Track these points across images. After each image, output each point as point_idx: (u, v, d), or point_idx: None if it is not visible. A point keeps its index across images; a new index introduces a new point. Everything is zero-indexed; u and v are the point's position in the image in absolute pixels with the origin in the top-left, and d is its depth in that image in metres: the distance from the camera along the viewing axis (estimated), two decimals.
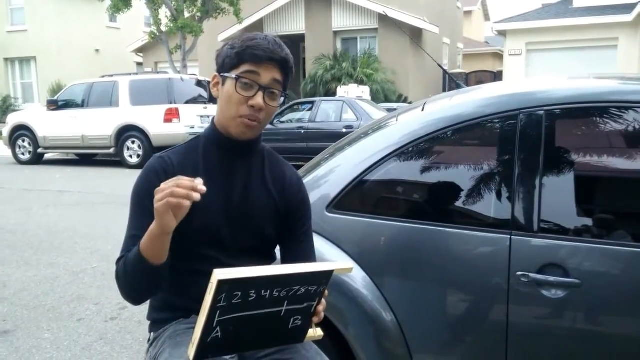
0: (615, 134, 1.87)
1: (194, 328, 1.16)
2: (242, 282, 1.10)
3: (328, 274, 1.23)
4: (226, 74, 1.41)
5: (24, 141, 12.65)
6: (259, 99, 1.38)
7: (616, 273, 1.73)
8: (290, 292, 1.18)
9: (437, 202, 2.03)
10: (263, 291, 1.14)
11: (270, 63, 1.39)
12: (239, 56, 1.39)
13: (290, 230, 1.56)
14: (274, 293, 1.16)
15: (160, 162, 1.46)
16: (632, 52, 16.46)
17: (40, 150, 12.60)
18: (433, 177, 2.05)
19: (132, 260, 1.32)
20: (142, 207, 1.40)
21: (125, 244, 1.42)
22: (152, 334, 1.57)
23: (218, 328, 1.12)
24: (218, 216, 1.46)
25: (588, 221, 1.87)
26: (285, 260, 1.57)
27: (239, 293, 1.11)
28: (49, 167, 12.24)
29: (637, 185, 1.88)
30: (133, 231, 1.41)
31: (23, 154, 12.73)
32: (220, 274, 1.07)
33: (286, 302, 1.19)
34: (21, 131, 12.63)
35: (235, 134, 1.44)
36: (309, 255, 1.57)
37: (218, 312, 1.10)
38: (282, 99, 1.46)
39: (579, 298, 1.69)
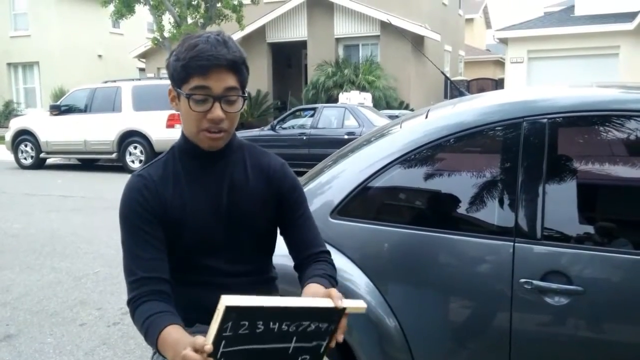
0: (617, 143, 1.89)
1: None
2: (250, 310, 1.06)
3: (340, 311, 1.18)
4: (178, 90, 1.35)
5: (26, 146, 12.67)
6: (217, 111, 1.32)
7: (618, 280, 1.74)
8: (300, 327, 1.14)
9: (441, 209, 2.04)
10: (271, 323, 1.10)
11: (218, 69, 1.31)
12: (185, 70, 1.32)
13: (287, 218, 1.50)
14: (283, 327, 1.11)
15: (140, 179, 1.42)
16: (633, 60, 16.48)
17: (42, 155, 12.61)
18: (437, 184, 2.07)
19: (145, 336, 1.29)
20: (135, 229, 1.38)
21: (130, 283, 1.37)
22: None
23: None
24: (210, 222, 1.43)
25: (590, 229, 1.88)
26: (292, 249, 1.52)
27: (246, 323, 1.07)
28: (51, 172, 12.26)
29: (639, 193, 1.89)
30: (133, 266, 1.37)
31: (25, 158, 12.75)
32: (227, 300, 1.04)
33: (295, 338, 1.15)
34: (24, 136, 12.65)
35: (205, 147, 1.40)
36: (312, 239, 1.50)
37: (223, 342, 1.06)
38: (244, 100, 1.38)
39: (581, 305, 1.70)
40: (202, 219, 1.42)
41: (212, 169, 1.45)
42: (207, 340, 1.05)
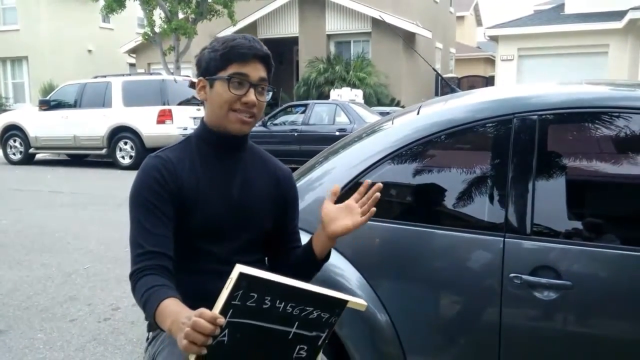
0: (606, 139, 1.91)
1: None
2: (260, 282, 1.09)
3: (342, 303, 1.22)
4: (214, 77, 1.45)
5: (15, 141, 12.59)
6: (251, 96, 1.45)
7: (606, 275, 1.76)
8: (303, 312, 1.17)
9: (432, 205, 2.06)
10: (278, 301, 1.13)
11: (255, 60, 1.45)
12: (225, 57, 1.44)
13: (285, 223, 1.63)
14: (288, 308, 1.15)
15: (158, 160, 1.47)
16: (622, 58, 16.62)
17: (31, 151, 12.54)
18: (428, 180, 2.08)
19: (144, 306, 1.31)
20: (148, 205, 1.41)
21: (135, 256, 1.39)
22: (151, 333, 1.58)
23: (226, 331, 1.09)
24: (220, 210, 1.48)
25: (579, 224, 1.90)
26: (274, 243, 1.63)
27: (255, 295, 1.09)
28: (41, 167, 12.18)
29: (627, 189, 1.92)
30: (140, 239, 1.39)
31: (14, 154, 12.67)
32: (241, 267, 1.06)
33: (297, 323, 1.18)
34: (12, 131, 12.56)
35: (233, 130, 1.48)
36: (297, 239, 1.67)
37: (231, 310, 1.08)
38: (270, 93, 1.52)
39: (570, 299, 1.72)
40: (213, 205, 1.48)
41: (226, 161, 1.53)
42: (215, 309, 1.07)
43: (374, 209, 1.47)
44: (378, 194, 1.47)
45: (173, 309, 1.22)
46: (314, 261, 1.55)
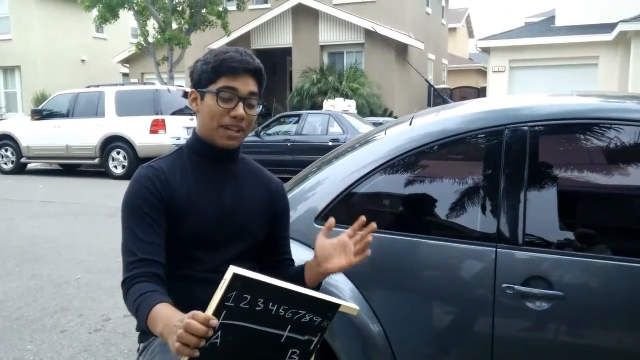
0: (597, 150, 1.92)
1: None
2: (254, 284, 1.09)
3: (334, 307, 1.23)
4: (205, 90, 1.47)
5: (7, 151, 12.52)
6: (240, 110, 1.45)
7: (597, 286, 1.77)
8: (296, 315, 1.17)
9: (425, 215, 2.07)
10: (271, 304, 1.13)
11: (246, 74, 1.45)
12: (216, 70, 1.45)
13: (276, 234, 1.64)
14: (281, 311, 1.15)
15: (151, 170, 1.48)
16: (612, 70, 16.78)
17: (23, 160, 12.46)
18: (420, 190, 2.09)
19: (136, 313, 1.31)
20: (140, 213, 1.42)
21: (127, 264, 1.40)
22: (142, 345, 1.57)
23: (219, 333, 1.09)
24: (211, 220, 1.49)
25: (571, 235, 1.91)
26: (267, 253, 1.64)
27: (249, 297, 1.09)
28: (33, 177, 12.10)
29: (618, 200, 1.93)
30: (133, 247, 1.40)
31: (6, 163, 12.59)
32: (235, 269, 1.06)
33: (289, 326, 1.18)
34: (4, 141, 12.49)
35: (221, 144, 1.49)
36: (288, 251, 1.69)
37: (224, 312, 1.08)
38: (261, 107, 1.52)
39: (563, 310, 1.72)
40: (204, 215, 1.48)
41: (218, 172, 1.54)
42: (209, 310, 1.07)
43: (369, 251, 1.47)
44: (370, 237, 1.46)
45: (165, 313, 1.22)
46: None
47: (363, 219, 1.48)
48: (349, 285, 1.93)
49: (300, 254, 1.77)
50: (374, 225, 1.47)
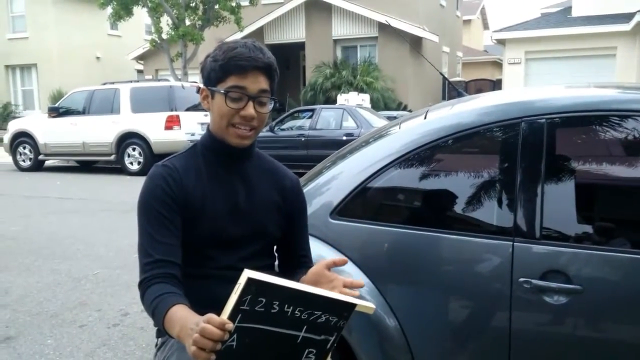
0: (615, 142, 1.90)
1: None
2: (269, 287, 1.09)
3: (350, 307, 1.22)
4: (214, 88, 1.44)
5: (24, 148, 12.67)
6: (250, 110, 1.42)
7: (616, 279, 1.75)
8: (312, 316, 1.17)
9: (440, 209, 2.05)
10: (286, 306, 1.13)
11: (255, 71, 1.41)
12: (224, 69, 1.41)
13: (292, 231, 1.63)
14: (296, 312, 1.15)
15: (164, 169, 1.48)
16: (630, 61, 16.54)
17: (40, 157, 12.60)
18: (436, 184, 2.07)
19: (153, 314, 1.32)
20: (155, 213, 1.42)
21: (143, 265, 1.40)
22: (160, 339, 1.58)
23: (235, 336, 1.09)
24: (225, 219, 1.48)
25: (589, 228, 1.89)
26: (284, 251, 1.64)
27: (263, 300, 1.09)
28: (50, 174, 12.25)
29: (636, 192, 1.91)
30: (149, 248, 1.40)
31: (24, 160, 12.75)
32: (249, 272, 1.06)
33: (305, 327, 1.18)
34: (22, 138, 12.64)
35: (232, 143, 1.47)
36: (307, 248, 1.67)
37: (240, 315, 1.08)
38: (273, 103, 1.48)
39: (580, 304, 1.71)
40: (219, 214, 1.48)
41: (232, 169, 1.53)
42: (224, 314, 1.07)
43: (357, 291, 1.36)
44: (357, 292, 1.36)
45: (181, 315, 1.22)
46: None
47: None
48: (365, 279, 1.93)
49: (315, 249, 1.78)
50: (361, 283, 1.41)
